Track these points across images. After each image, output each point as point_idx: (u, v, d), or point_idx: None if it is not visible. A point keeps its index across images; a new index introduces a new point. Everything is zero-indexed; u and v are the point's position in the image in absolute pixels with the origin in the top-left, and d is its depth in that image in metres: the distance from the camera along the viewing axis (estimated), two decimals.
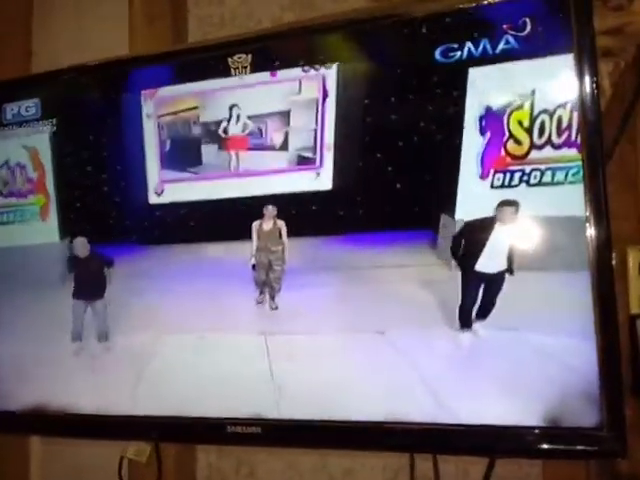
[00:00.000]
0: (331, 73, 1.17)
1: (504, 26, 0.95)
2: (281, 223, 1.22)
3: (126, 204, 1.34)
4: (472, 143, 1.02)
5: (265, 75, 1.20)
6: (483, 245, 1.02)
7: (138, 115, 1.33)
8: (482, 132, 1.02)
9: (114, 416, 1.18)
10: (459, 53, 0.98)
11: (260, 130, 1.25)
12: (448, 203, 1.04)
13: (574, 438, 0.87)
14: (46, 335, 1.31)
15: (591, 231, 0.87)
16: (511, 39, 0.94)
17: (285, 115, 1.24)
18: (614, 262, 0.84)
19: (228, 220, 1.26)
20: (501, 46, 0.95)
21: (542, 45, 0.92)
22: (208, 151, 1.30)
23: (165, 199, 1.34)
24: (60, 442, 1.47)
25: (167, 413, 1.16)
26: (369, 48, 1.08)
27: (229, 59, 1.18)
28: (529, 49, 0.93)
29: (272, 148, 1.25)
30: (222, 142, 1.28)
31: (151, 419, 1.16)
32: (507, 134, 0.99)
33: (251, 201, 1.23)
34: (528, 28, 0.93)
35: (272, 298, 1.22)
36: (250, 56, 1.19)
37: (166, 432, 1.16)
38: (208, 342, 1.21)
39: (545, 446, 0.89)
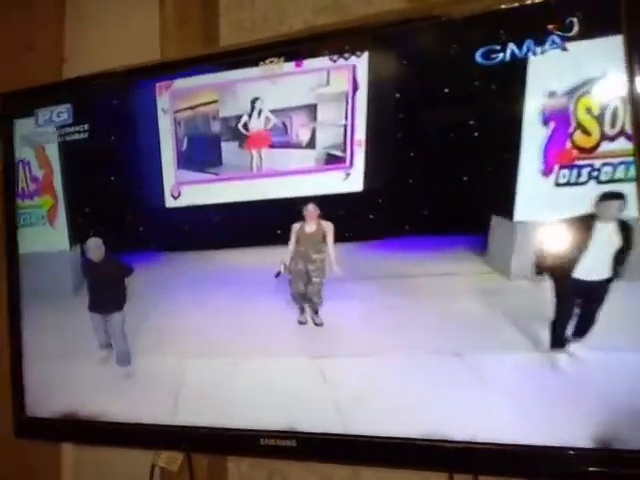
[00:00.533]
0: (362, 63, 1.07)
1: (549, 26, 0.87)
2: (327, 225, 1.09)
3: (140, 208, 1.25)
4: (533, 135, 0.90)
5: (290, 65, 1.11)
6: (582, 248, 0.86)
7: (152, 110, 1.22)
8: (545, 122, 0.90)
9: (147, 425, 1.16)
10: (501, 55, 0.90)
11: (284, 126, 1.15)
12: (503, 204, 0.94)
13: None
14: (72, 345, 1.25)
15: None
16: (557, 39, 0.86)
17: (312, 109, 1.13)
18: None
19: (251, 225, 1.16)
20: (546, 47, 0.87)
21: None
22: (228, 149, 1.19)
23: (182, 202, 1.24)
24: (92, 448, 1.45)
25: (200, 424, 1.12)
26: (403, 48, 1.01)
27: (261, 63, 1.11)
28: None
29: (298, 146, 1.15)
30: (243, 139, 1.17)
31: (184, 429, 1.13)
32: (574, 123, 0.87)
33: (275, 204, 1.14)
34: (576, 28, 0.85)
35: (315, 312, 1.09)
36: (282, 59, 1.10)
37: (198, 443, 1.13)
38: (243, 368, 1.11)
39: None
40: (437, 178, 0.98)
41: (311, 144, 1.12)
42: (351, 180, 1.10)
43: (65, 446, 1.50)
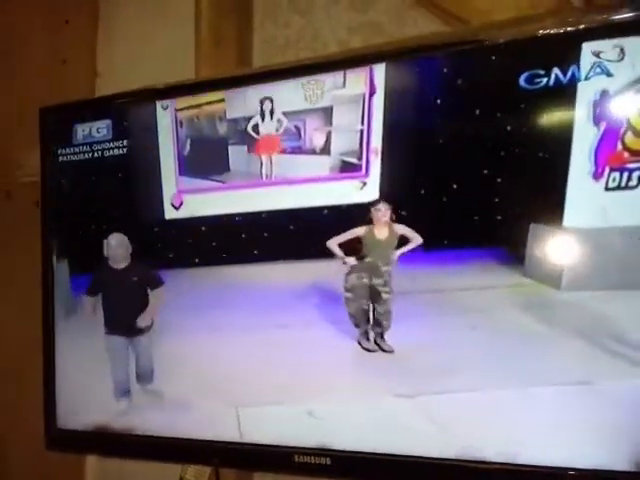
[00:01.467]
0: (379, 66, 1.01)
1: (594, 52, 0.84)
2: (403, 229, 0.95)
3: (135, 220, 1.16)
4: (584, 135, 0.86)
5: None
6: None
7: (151, 107, 1.14)
8: (596, 122, 0.86)
9: (177, 438, 1.12)
10: (545, 80, 0.88)
11: (297, 129, 1.07)
12: (547, 209, 0.88)
13: None
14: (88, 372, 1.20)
15: None
16: (605, 65, 0.84)
17: (327, 112, 1.05)
18: None
19: (263, 238, 1.07)
20: (591, 74, 0.85)
21: None
22: (236, 154, 1.11)
23: (185, 213, 1.15)
24: (116, 460, 1.43)
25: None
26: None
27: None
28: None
29: (311, 152, 1.07)
30: (252, 143, 1.09)
31: (215, 443, 1.09)
32: (625, 124, 0.84)
33: (286, 214, 1.06)
34: (621, 56, 0.84)
35: (381, 336, 0.95)
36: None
37: (229, 458, 1.10)
38: (322, 418, 1.00)
39: None
40: (455, 187, 0.93)
41: (326, 150, 1.06)
42: (368, 189, 1.03)
43: (90, 459, 1.50)
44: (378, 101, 1.02)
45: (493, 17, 1.10)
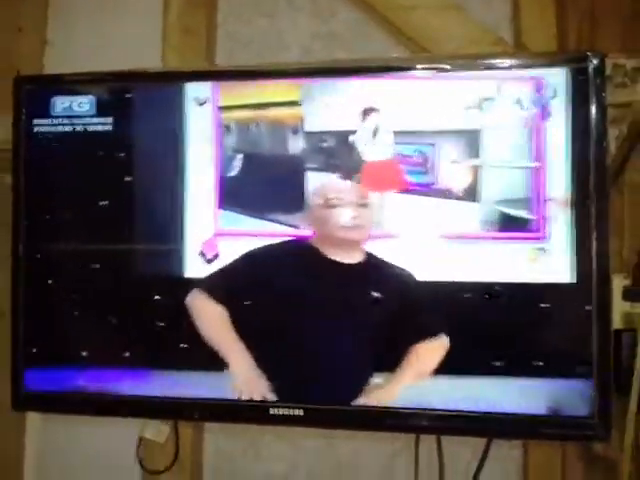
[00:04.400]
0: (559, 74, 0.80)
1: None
2: None
3: (138, 279, 0.87)
4: None
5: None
6: None
7: (178, 100, 0.85)
8: None
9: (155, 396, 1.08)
10: None
11: (423, 159, 0.82)
12: None
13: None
14: None
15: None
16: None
17: (472, 137, 0.83)
18: None
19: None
20: None
21: None
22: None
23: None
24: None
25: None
26: None
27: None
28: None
29: (446, 194, 0.83)
30: (354, 171, 0.81)
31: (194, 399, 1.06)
32: None
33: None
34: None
35: None
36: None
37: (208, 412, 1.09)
38: None
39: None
40: None
41: (471, 194, 0.80)
42: (548, 261, 0.79)
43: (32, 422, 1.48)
44: (558, 123, 0.79)
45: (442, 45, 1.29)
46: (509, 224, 0.82)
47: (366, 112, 0.80)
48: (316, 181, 0.84)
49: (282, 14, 1.44)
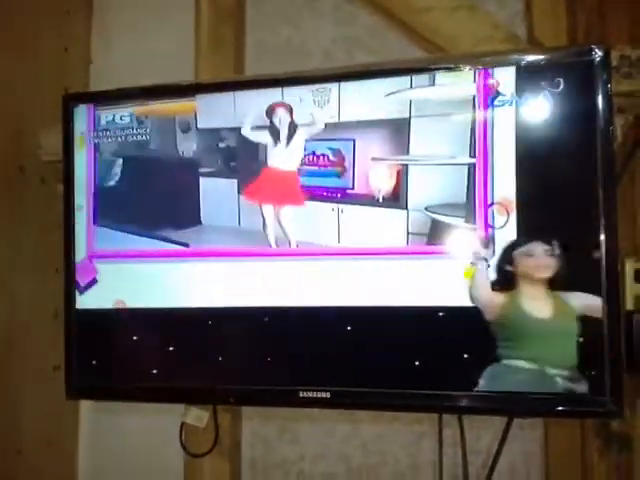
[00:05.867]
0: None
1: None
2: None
3: None
4: None
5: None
6: None
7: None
8: None
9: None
10: None
11: (338, 158, 0.74)
12: None
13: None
14: None
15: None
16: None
17: (399, 128, 0.76)
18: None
19: (264, 365, 0.86)
20: None
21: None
22: (215, 195, 0.75)
23: (94, 302, 0.81)
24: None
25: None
26: None
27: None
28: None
29: (367, 200, 0.75)
30: (251, 178, 0.71)
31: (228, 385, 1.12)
32: None
33: (316, 319, 0.81)
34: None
35: None
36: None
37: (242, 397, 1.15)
38: None
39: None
40: None
41: (396, 199, 0.70)
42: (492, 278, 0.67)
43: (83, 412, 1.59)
44: (505, 114, 0.71)
45: (459, 44, 1.34)
46: (442, 234, 0.73)
47: (273, 108, 0.70)
48: (211, 188, 0.73)
49: (306, 21, 1.51)
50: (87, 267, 0.75)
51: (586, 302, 0.93)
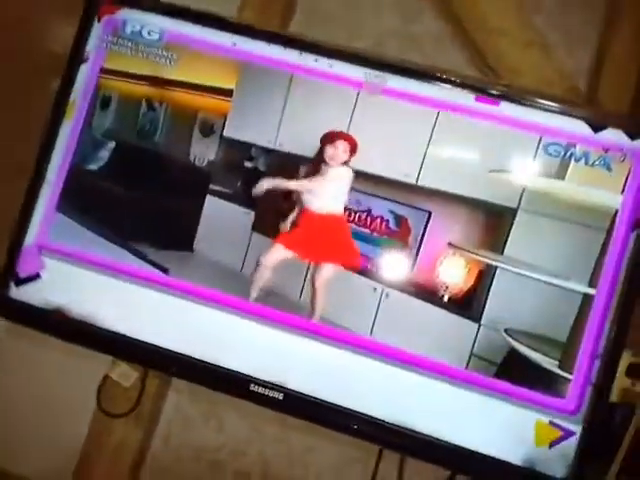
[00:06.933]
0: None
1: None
2: None
3: None
4: None
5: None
6: None
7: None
8: None
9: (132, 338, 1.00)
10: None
11: (402, 229, 0.61)
12: None
13: None
14: None
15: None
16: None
17: (499, 217, 0.66)
18: None
19: None
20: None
21: None
22: (222, 223, 0.67)
23: (29, 297, 0.76)
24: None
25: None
26: None
27: None
28: None
29: (427, 294, 0.66)
30: (282, 220, 0.62)
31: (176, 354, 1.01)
32: None
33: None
34: None
35: None
36: None
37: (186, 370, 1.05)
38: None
39: None
40: None
41: (468, 306, 0.57)
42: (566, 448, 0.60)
43: None
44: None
45: (520, 78, 1.27)
46: (522, 374, 0.61)
47: (332, 137, 0.60)
48: (217, 212, 0.62)
49: (366, 2, 1.39)
50: (32, 257, 0.62)
51: None
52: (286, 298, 0.74)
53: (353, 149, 0.84)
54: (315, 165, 0.84)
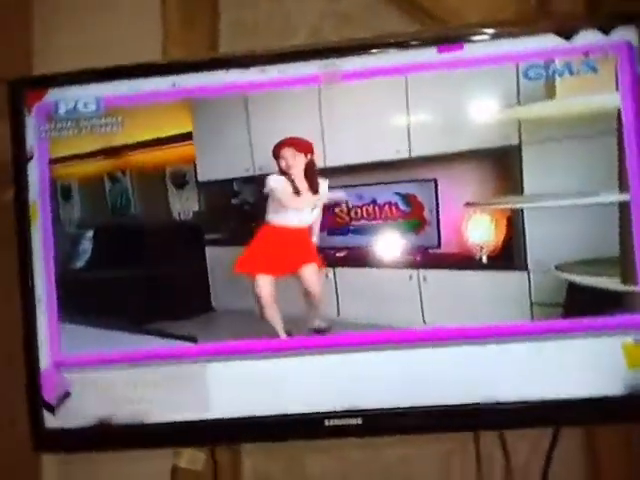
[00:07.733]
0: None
1: None
2: None
3: None
4: None
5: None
6: None
7: None
8: None
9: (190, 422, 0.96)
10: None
11: (413, 207, 0.59)
12: None
13: None
14: None
15: None
16: None
17: (504, 159, 0.64)
18: None
19: None
20: None
21: None
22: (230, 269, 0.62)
23: (66, 421, 0.70)
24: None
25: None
26: None
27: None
28: None
29: (464, 262, 0.61)
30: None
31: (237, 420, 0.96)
32: None
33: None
34: None
35: None
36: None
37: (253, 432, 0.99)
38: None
39: None
40: None
41: (509, 258, 0.55)
42: None
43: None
44: None
45: (464, 17, 1.20)
46: (589, 304, 0.59)
47: (275, 151, 0.60)
48: (219, 258, 0.58)
49: None
50: (53, 379, 0.59)
51: None
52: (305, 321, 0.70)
53: (303, 148, 0.82)
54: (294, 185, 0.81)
